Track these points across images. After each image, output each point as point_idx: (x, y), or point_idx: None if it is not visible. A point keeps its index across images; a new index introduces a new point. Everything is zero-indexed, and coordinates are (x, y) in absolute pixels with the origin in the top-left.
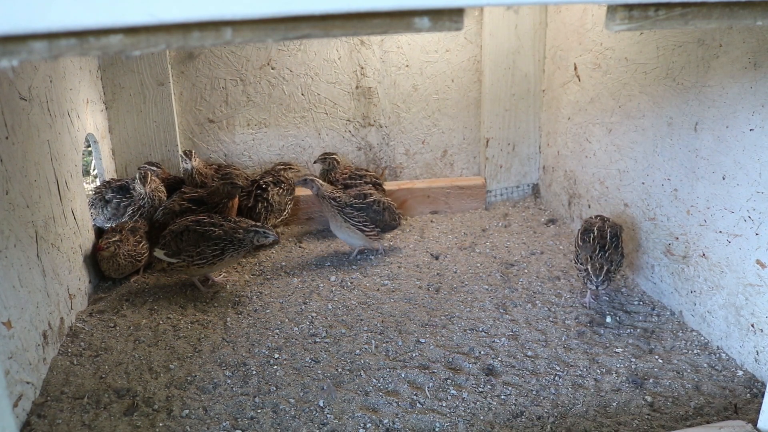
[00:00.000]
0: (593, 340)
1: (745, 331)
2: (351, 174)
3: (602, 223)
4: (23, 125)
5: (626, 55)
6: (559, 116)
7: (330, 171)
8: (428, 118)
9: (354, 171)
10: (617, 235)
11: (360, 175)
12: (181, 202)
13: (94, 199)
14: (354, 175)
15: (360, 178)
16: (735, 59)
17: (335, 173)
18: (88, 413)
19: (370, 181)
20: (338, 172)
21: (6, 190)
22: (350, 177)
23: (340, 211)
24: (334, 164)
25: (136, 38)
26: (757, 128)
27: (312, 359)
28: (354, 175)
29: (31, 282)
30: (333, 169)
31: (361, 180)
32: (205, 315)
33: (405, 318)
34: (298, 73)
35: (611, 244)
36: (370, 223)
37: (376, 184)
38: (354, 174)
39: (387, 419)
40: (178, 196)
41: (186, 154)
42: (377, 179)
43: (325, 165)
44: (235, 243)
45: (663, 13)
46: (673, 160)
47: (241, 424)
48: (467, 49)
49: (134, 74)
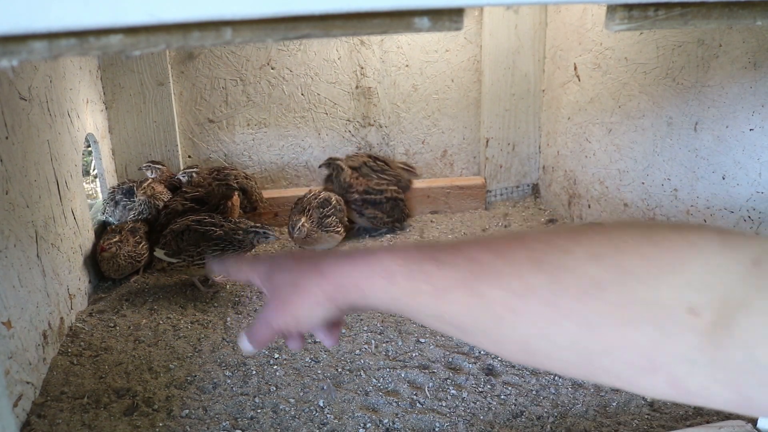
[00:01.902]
0: None
1: None
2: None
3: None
4: (23, 125)
5: (626, 55)
6: (558, 116)
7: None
8: (428, 118)
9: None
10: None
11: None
12: (184, 202)
13: (107, 200)
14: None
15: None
16: (735, 59)
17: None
18: (88, 413)
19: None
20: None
21: (6, 190)
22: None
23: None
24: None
25: (136, 38)
26: (757, 128)
27: (312, 359)
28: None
29: (31, 282)
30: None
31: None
32: (205, 315)
33: (405, 318)
34: (298, 73)
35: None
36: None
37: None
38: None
39: (387, 419)
40: (180, 195)
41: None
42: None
43: (330, 170)
44: (235, 244)
45: (663, 13)
46: (673, 160)
47: (241, 424)
48: (467, 49)
49: (134, 74)
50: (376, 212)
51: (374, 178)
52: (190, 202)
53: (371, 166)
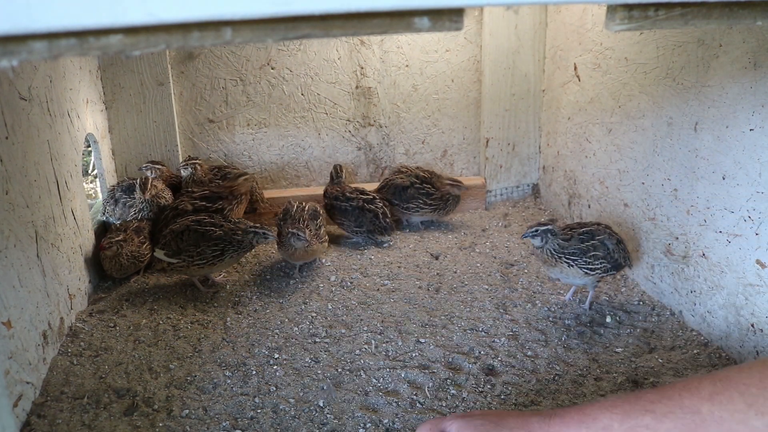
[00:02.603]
0: (593, 340)
1: (745, 331)
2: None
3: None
4: (23, 125)
5: (626, 55)
6: (559, 116)
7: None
8: (428, 118)
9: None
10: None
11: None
12: (193, 201)
13: (107, 198)
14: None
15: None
16: (735, 59)
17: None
18: (88, 413)
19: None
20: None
21: (6, 190)
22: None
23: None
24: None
25: (136, 38)
26: (757, 128)
27: (312, 359)
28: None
29: (31, 282)
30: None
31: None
32: (205, 315)
33: (405, 318)
34: (297, 73)
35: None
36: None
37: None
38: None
39: (387, 419)
40: (187, 195)
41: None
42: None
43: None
44: (234, 244)
45: (663, 13)
46: (673, 160)
47: (241, 424)
48: (467, 49)
49: (134, 74)
50: (343, 219)
51: (421, 199)
52: (199, 200)
53: (418, 187)
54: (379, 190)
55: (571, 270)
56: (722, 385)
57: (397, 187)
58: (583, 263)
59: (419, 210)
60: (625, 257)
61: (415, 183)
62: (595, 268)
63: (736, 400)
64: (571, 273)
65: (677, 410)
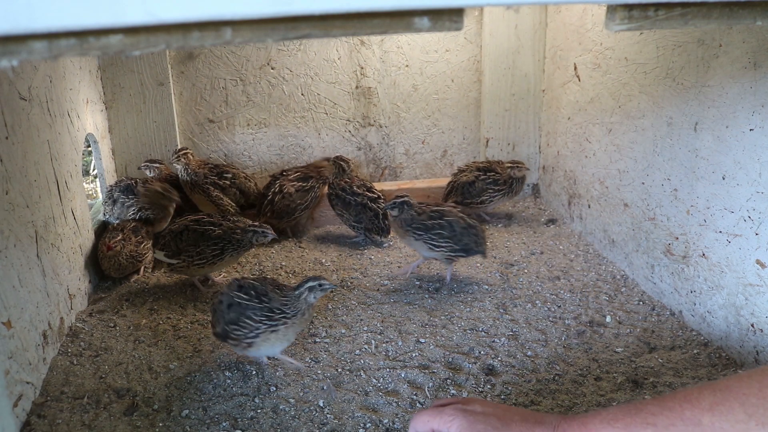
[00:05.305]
0: (593, 340)
1: (745, 331)
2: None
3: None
4: (23, 125)
5: (626, 55)
6: (558, 116)
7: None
8: (428, 118)
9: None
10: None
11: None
12: (292, 183)
13: (106, 198)
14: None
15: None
16: (735, 59)
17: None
18: (88, 413)
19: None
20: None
21: (6, 190)
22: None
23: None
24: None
25: (136, 38)
26: (757, 128)
27: (312, 359)
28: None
29: (31, 282)
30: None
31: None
32: (205, 315)
33: (405, 318)
34: (297, 73)
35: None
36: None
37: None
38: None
39: (387, 419)
40: (283, 178)
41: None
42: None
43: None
44: (233, 243)
45: (663, 13)
46: (673, 160)
47: (241, 424)
48: (467, 49)
49: (134, 74)
50: (344, 212)
51: (490, 188)
52: (296, 182)
53: (483, 179)
54: (447, 195)
55: (416, 243)
56: (722, 395)
57: (464, 185)
58: (428, 238)
59: (492, 199)
60: (477, 243)
61: (479, 176)
62: (440, 245)
63: (737, 410)
64: (416, 245)
65: (678, 422)
